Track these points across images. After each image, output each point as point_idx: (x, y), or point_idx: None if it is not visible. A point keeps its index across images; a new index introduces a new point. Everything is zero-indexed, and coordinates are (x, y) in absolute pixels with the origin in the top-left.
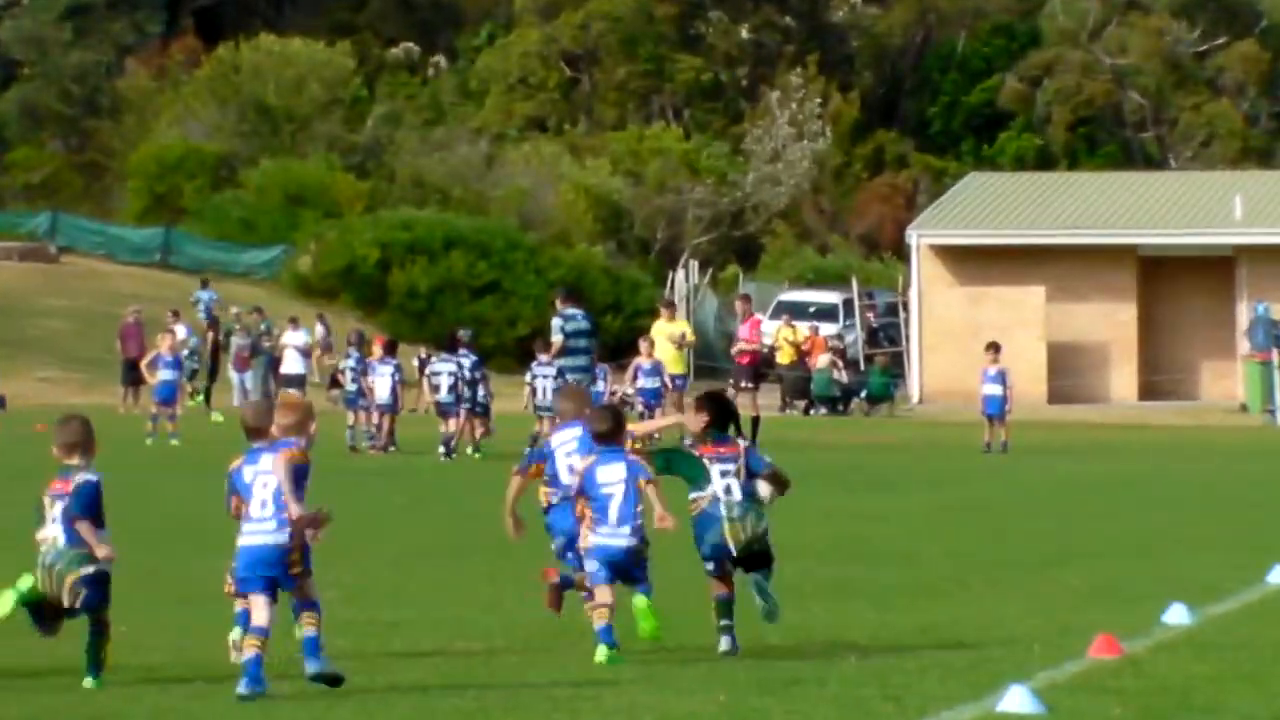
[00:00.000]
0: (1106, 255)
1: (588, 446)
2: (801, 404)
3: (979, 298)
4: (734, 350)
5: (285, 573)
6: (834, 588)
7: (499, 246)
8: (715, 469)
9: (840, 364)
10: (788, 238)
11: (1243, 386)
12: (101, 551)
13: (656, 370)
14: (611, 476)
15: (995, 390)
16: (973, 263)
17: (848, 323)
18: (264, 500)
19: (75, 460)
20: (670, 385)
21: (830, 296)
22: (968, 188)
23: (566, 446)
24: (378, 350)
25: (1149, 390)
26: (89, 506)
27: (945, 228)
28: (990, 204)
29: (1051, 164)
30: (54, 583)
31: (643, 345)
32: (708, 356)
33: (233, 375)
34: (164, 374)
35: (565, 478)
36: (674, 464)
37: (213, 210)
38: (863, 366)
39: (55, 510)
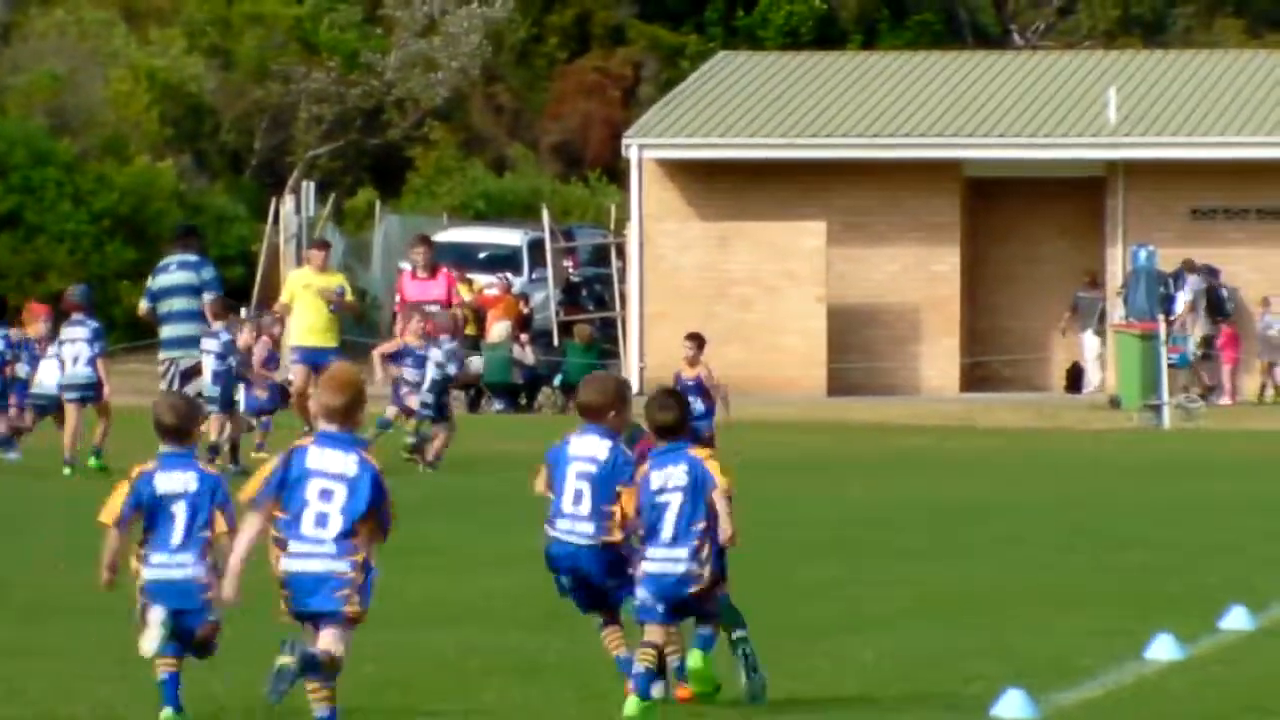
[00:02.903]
0: (917, 176)
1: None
2: (462, 395)
3: (728, 238)
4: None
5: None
6: None
7: (19, 160)
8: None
9: (524, 337)
10: (448, 148)
11: (1114, 370)
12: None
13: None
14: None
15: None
16: (721, 186)
17: (535, 275)
18: (321, 513)
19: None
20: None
21: (509, 236)
22: (714, 75)
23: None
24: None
25: (976, 377)
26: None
27: (681, 135)
28: (747, 100)
29: (838, 41)
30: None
31: (208, 306)
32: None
33: None
34: None
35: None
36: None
37: None
38: (556, 340)
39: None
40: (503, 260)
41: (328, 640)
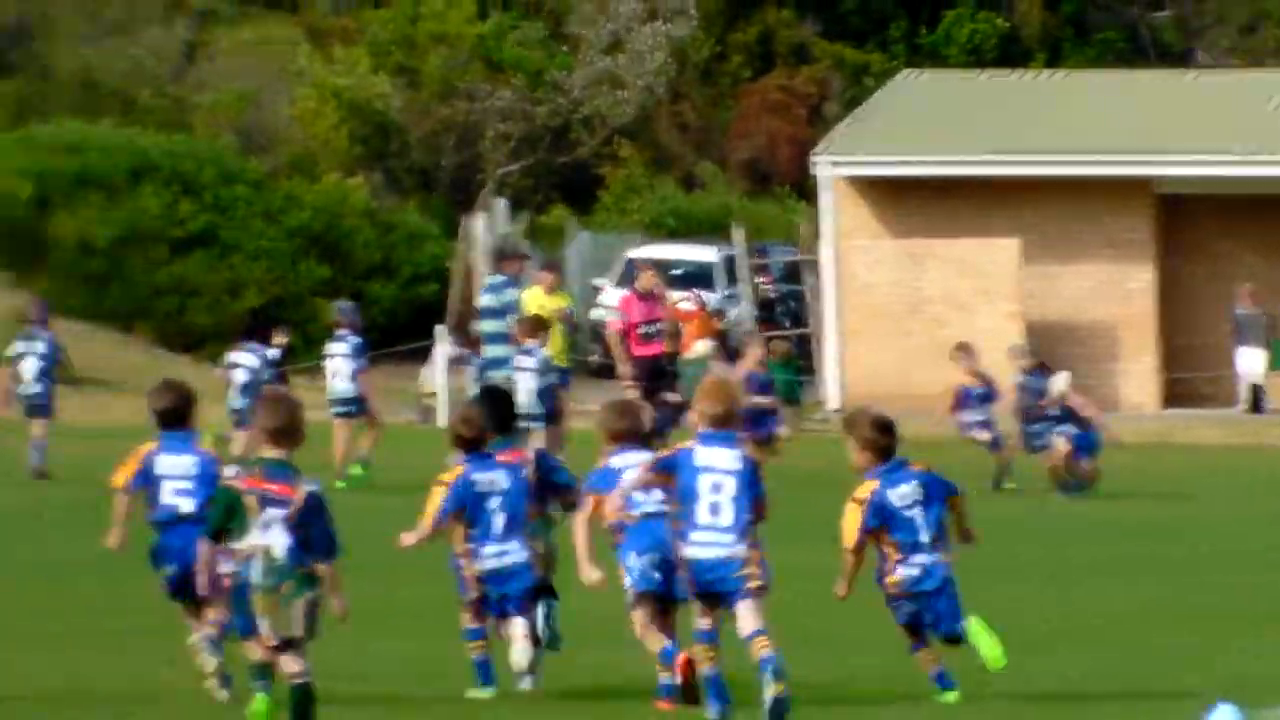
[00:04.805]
0: (1109, 194)
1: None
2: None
3: (921, 256)
4: (642, 333)
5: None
6: None
7: (210, 179)
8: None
9: (720, 352)
10: (636, 166)
11: None
12: (323, 570)
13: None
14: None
15: (977, 418)
16: (910, 203)
17: (728, 292)
18: (715, 504)
19: (282, 453)
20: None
21: (704, 253)
22: (899, 93)
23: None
24: None
25: (1175, 394)
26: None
27: (869, 152)
28: (933, 117)
29: (1021, 59)
30: (275, 607)
31: (517, 326)
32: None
33: None
34: None
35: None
36: None
37: None
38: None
39: (270, 515)
40: (697, 277)
41: (745, 614)
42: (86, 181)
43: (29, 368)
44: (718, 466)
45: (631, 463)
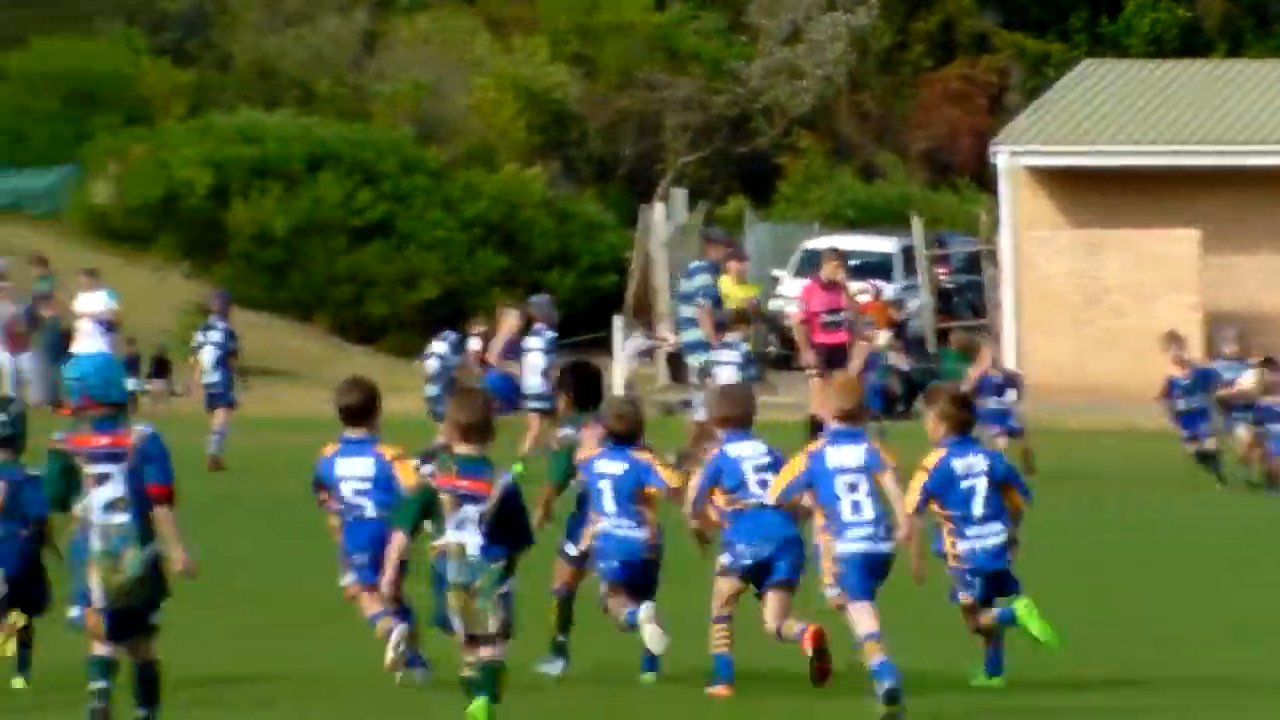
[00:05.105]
0: None
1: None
2: None
3: (1099, 245)
4: (825, 322)
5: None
6: None
7: (389, 169)
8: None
9: (899, 344)
10: (816, 156)
11: None
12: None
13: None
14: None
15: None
16: (1089, 194)
17: (908, 283)
18: (856, 503)
19: (475, 449)
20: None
21: (882, 244)
22: (1080, 83)
23: (754, 461)
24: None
25: None
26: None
27: (1049, 143)
28: (1115, 107)
29: (1203, 49)
30: (470, 603)
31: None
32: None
33: (3, 358)
34: None
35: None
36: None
37: None
38: (931, 348)
39: (465, 513)
40: (875, 267)
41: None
42: (264, 171)
43: (207, 357)
44: (848, 466)
45: (746, 452)
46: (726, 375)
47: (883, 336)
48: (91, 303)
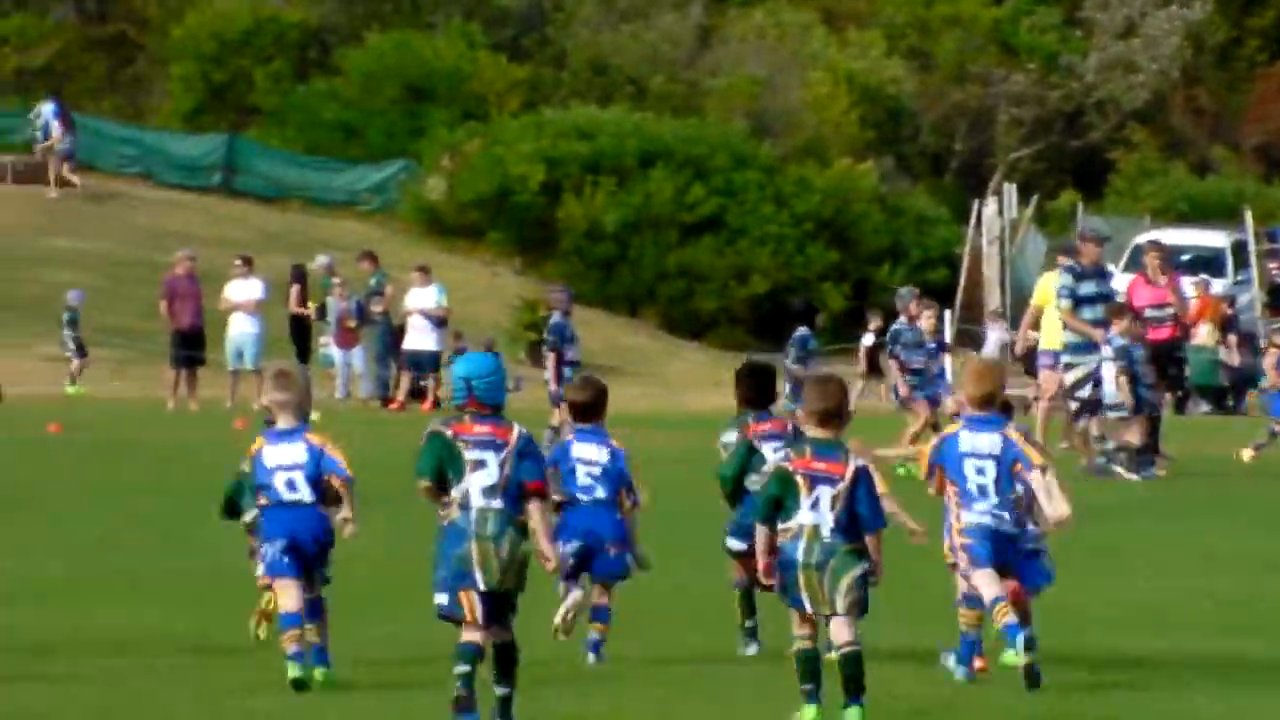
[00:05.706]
0: None
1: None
2: (1170, 397)
3: None
4: (1150, 316)
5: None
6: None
7: (721, 164)
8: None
9: (1230, 339)
10: (1149, 150)
11: None
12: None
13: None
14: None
15: None
16: None
17: (1239, 277)
18: (982, 486)
19: (829, 433)
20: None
21: (1213, 238)
22: None
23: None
24: None
25: None
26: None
27: None
28: None
29: None
30: (827, 585)
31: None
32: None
33: (333, 353)
34: None
35: None
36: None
37: (296, 109)
38: (1262, 343)
39: (820, 494)
40: (1206, 262)
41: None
42: (597, 167)
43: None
44: (981, 451)
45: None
46: (1105, 371)
47: (1205, 331)
48: (422, 299)
